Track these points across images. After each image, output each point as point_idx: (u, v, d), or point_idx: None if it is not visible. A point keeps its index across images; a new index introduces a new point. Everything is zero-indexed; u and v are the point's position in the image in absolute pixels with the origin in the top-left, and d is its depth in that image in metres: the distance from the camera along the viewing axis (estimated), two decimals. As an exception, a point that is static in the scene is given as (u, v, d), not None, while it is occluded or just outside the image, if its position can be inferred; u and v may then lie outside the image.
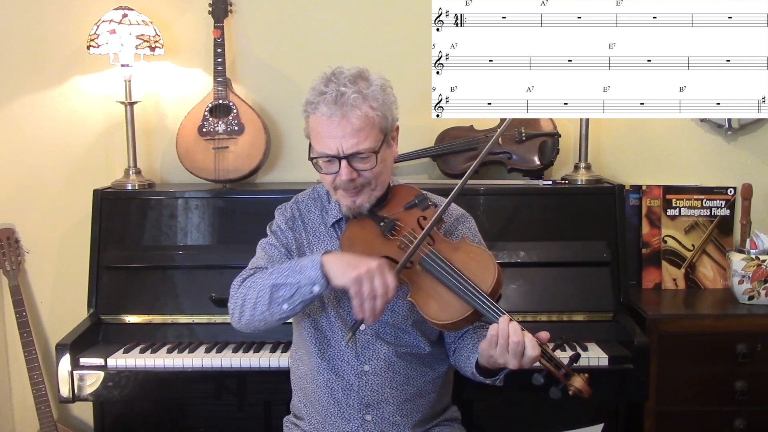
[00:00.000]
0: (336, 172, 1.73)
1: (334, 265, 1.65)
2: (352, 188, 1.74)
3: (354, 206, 1.78)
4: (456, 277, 1.65)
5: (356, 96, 1.68)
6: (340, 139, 1.69)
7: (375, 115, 1.70)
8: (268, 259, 1.85)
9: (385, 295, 1.60)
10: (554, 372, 1.55)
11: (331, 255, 1.68)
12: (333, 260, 1.66)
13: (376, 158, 1.72)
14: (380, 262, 1.62)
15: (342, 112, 1.67)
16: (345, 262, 1.65)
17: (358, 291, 1.60)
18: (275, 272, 1.73)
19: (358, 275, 1.59)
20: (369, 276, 1.59)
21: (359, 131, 1.68)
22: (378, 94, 1.71)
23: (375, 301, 1.60)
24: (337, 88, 1.68)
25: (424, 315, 1.66)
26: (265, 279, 1.74)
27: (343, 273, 1.62)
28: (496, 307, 1.60)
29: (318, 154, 1.74)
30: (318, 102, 1.70)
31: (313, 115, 1.72)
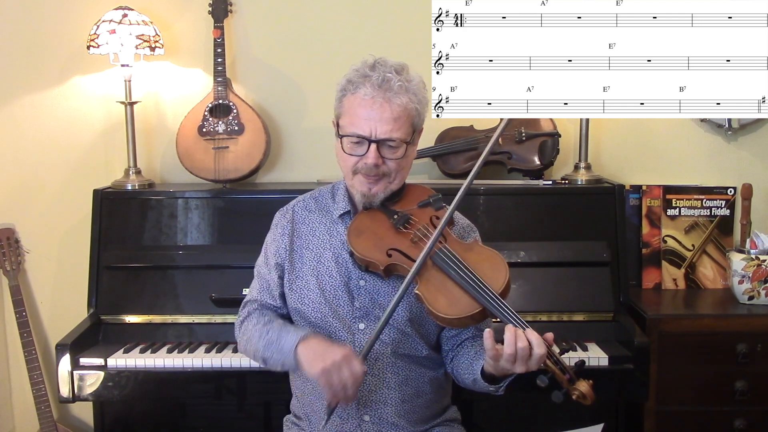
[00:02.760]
0: (362, 155, 1.74)
1: (303, 356, 1.69)
2: (373, 175, 1.76)
3: (369, 194, 1.79)
4: (468, 274, 1.65)
5: (401, 84, 1.72)
6: (376, 122, 1.71)
7: (414, 107, 1.75)
8: (260, 292, 1.90)
9: (355, 383, 1.64)
10: (559, 376, 1.54)
11: (304, 344, 1.70)
12: (304, 350, 1.70)
13: (405, 150, 1.75)
14: (345, 352, 1.64)
15: (386, 97, 1.70)
16: (313, 353, 1.68)
17: (327, 382, 1.63)
18: (262, 343, 1.79)
19: (324, 368, 1.63)
20: (336, 368, 1.62)
21: (396, 119, 1.71)
22: (419, 89, 1.77)
23: (345, 389, 1.64)
24: (384, 73, 1.72)
25: (431, 309, 1.65)
26: (256, 343, 1.81)
27: (311, 365, 1.66)
28: (506, 307, 1.60)
29: (349, 133, 1.75)
30: (361, 83, 1.73)
31: (352, 95, 1.75)
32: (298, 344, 1.70)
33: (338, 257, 1.84)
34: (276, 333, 1.77)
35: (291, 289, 1.87)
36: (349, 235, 1.79)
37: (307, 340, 1.71)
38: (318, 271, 1.85)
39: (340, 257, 1.84)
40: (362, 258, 1.77)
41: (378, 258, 1.74)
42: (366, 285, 1.82)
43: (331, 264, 1.84)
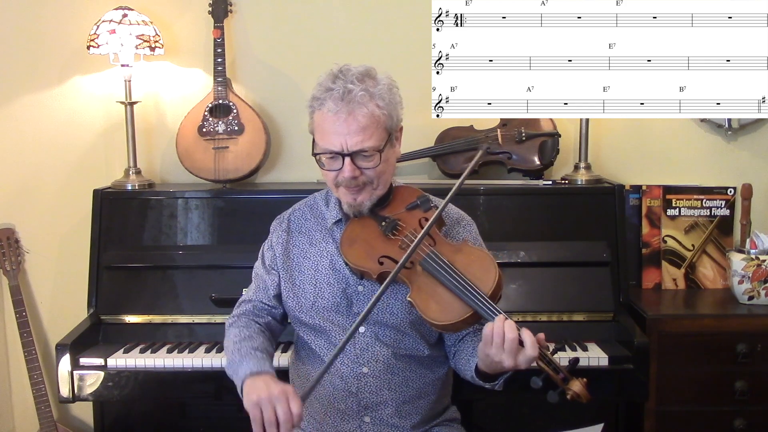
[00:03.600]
0: (339, 169, 1.73)
1: (247, 386, 1.64)
2: (354, 186, 1.74)
3: (355, 204, 1.78)
4: (456, 278, 1.64)
5: (363, 94, 1.68)
6: (345, 136, 1.69)
7: (381, 113, 1.70)
8: (255, 292, 1.91)
9: (289, 422, 1.56)
10: (552, 376, 1.53)
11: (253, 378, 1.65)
12: (250, 382, 1.64)
13: (380, 157, 1.72)
14: (286, 389, 1.59)
15: (348, 109, 1.67)
16: (255, 386, 1.62)
17: (256, 416, 1.57)
18: (227, 359, 1.78)
19: (258, 399, 1.57)
20: (268, 401, 1.56)
21: (364, 129, 1.69)
22: (385, 93, 1.72)
23: (276, 427, 1.56)
24: (344, 84, 1.68)
25: (424, 316, 1.66)
26: (227, 355, 1.80)
27: (248, 396, 1.61)
28: (495, 308, 1.59)
29: (322, 150, 1.74)
30: (324, 98, 1.70)
31: (318, 111, 1.72)
32: (249, 376, 1.66)
33: (335, 264, 1.84)
34: (239, 356, 1.74)
35: (288, 297, 1.87)
36: (342, 245, 1.79)
37: (259, 375, 1.66)
38: (316, 278, 1.85)
39: (337, 264, 1.84)
40: (356, 267, 1.77)
41: (370, 267, 1.74)
42: (365, 291, 1.82)
43: (328, 271, 1.84)
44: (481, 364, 1.65)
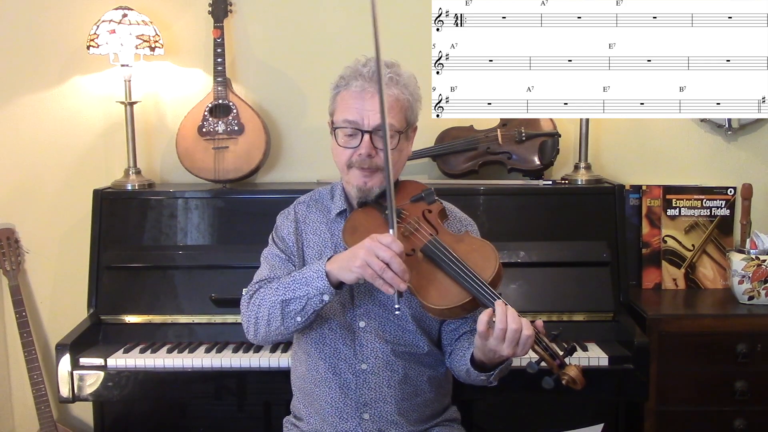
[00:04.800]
0: (356, 147, 1.75)
1: (337, 268, 1.67)
2: (367, 167, 1.76)
3: (365, 188, 1.79)
4: (457, 264, 1.65)
5: (392, 77, 1.76)
6: (368, 112, 1.74)
7: (405, 99, 1.78)
8: (271, 270, 1.86)
9: (394, 256, 1.59)
10: (549, 361, 1.55)
11: (331, 261, 1.69)
12: (334, 264, 1.68)
13: (398, 138, 1.76)
14: (369, 237, 1.63)
15: (376, 88, 1.71)
16: (343, 258, 1.66)
17: (371, 274, 1.60)
18: (282, 287, 1.74)
19: (362, 262, 1.60)
20: (369, 254, 1.60)
21: (389, 109, 1.72)
22: (410, 83, 1.80)
23: (390, 268, 1.59)
24: (374, 66, 1.72)
25: (422, 300, 1.66)
26: (273, 295, 1.75)
27: (349, 269, 1.64)
28: (494, 293, 1.60)
29: (342, 124, 1.76)
30: (353, 77, 1.77)
31: (344, 90, 1.78)
32: (326, 264, 1.69)
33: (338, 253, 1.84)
34: (298, 272, 1.75)
35: None
36: (344, 233, 1.80)
37: (333, 257, 1.70)
38: None
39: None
40: None
41: None
42: (366, 282, 1.82)
43: None
44: (478, 352, 1.65)
